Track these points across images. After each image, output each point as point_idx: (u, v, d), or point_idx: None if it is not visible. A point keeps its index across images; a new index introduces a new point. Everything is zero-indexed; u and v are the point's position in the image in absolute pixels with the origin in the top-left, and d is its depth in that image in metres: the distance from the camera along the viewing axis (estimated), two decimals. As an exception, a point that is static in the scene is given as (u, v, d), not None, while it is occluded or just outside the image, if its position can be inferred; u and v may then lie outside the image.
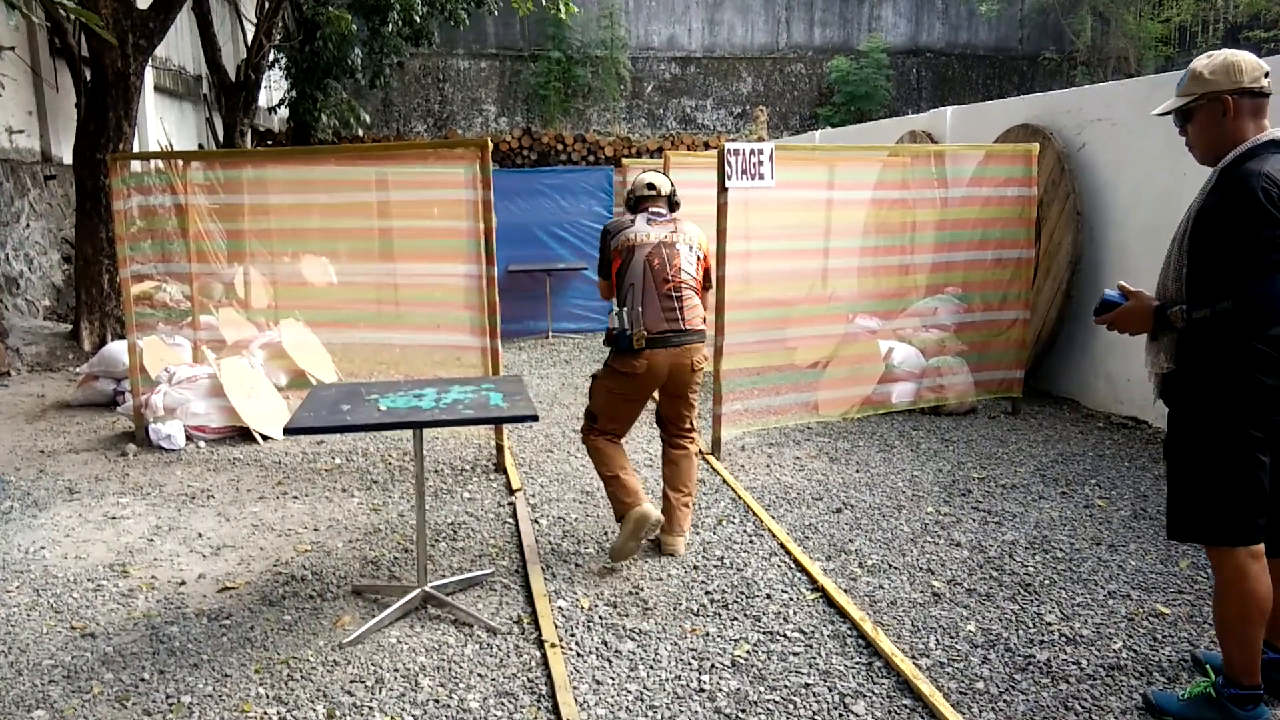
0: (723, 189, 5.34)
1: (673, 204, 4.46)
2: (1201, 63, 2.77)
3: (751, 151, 5.32)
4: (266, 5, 12.45)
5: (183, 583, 4.02)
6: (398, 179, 6.23)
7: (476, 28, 20.74)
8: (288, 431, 3.25)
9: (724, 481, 5.21)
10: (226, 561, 4.25)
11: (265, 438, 6.18)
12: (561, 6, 9.33)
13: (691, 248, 4.30)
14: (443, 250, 5.85)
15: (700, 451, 5.74)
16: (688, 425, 4.38)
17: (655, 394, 4.41)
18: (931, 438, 6.05)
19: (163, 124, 13.12)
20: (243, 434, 6.21)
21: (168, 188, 7.35)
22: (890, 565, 4.06)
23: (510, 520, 4.70)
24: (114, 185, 5.95)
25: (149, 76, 12.71)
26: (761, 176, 5.38)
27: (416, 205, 6.33)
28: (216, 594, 3.91)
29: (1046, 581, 3.87)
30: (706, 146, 18.80)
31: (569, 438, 6.26)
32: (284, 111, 15.96)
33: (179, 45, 13.94)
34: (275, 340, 7.50)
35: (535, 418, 3.41)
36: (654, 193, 4.42)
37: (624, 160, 8.94)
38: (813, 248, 7.13)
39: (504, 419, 3.46)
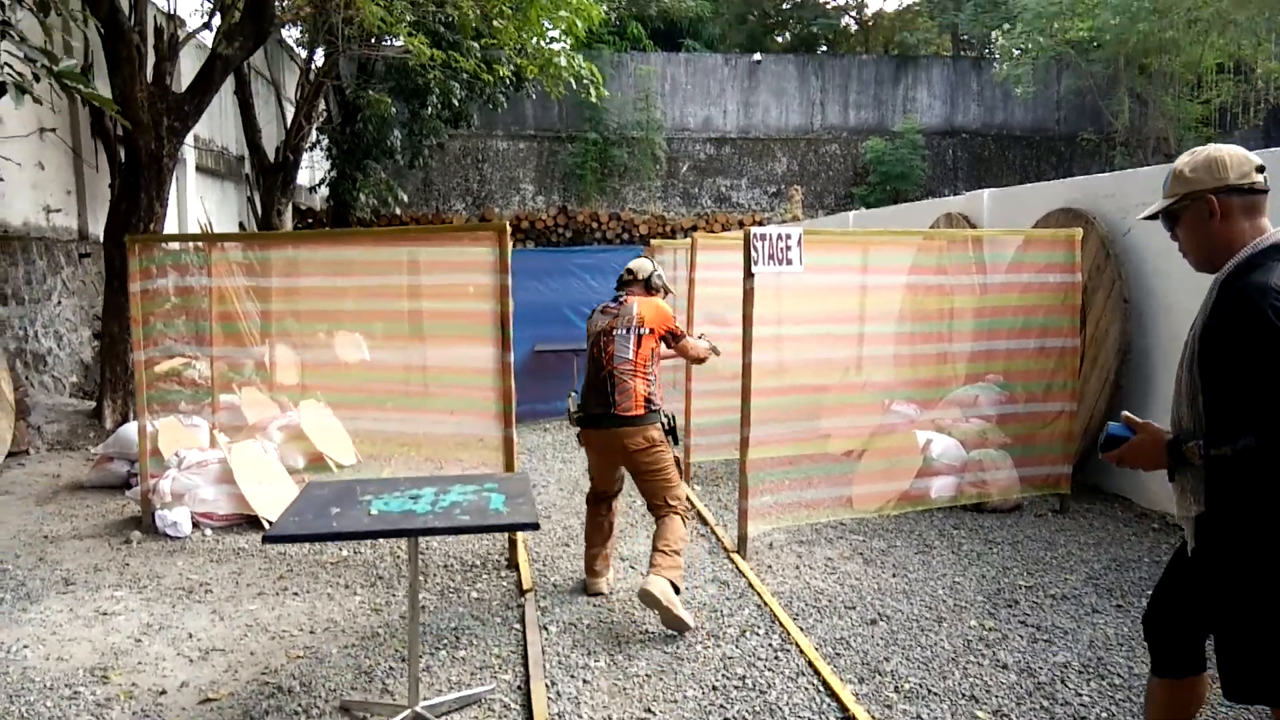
0: (748, 274, 5.08)
1: (651, 287, 4.86)
2: (1183, 161, 2.52)
3: (779, 236, 5.08)
4: (306, 88, 12.64)
5: (163, 692, 3.73)
6: (427, 260, 6.06)
7: (515, 110, 21.01)
8: (268, 539, 2.98)
9: (749, 585, 4.84)
10: (214, 667, 3.95)
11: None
12: (592, 90, 9.28)
13: (629, 329, 4.61)
14: (468, 333, 5.66)
15: (725, 549, 5.39)
16: (660, 502, 4.55)
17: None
18: (974, 538, 5.64)
19: (203, 203, 13.26)
20: (251, 521, 5.96)
21: (202, 267, 7.29)
22: (929, 690, 3.66)
23: (518, 626, 4.36)
24: (131, 266, 5.82)
25: (191, 156, 12.90)
26: (789, 262, 5.11)
27: (443, 288, 6.16)
28: (197, 705, 3.61)
29: (1104, 715, 3.44)
30: (740, 225, 18.71)
31: (588, 530, 5.93)
32: (324, 191, 16.15)
33: (223, 126, 14.18)
34: (294, 422, 7.31)
35: (535, 526, 3.11)
36: (631, 277, 4.89)
37: (653, 240, 8.75)
38: (846, 333, 6.83)
39: (502, 527, 3.17)
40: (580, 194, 21.44)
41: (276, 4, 9.39)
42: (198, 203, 13.10)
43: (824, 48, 24.67)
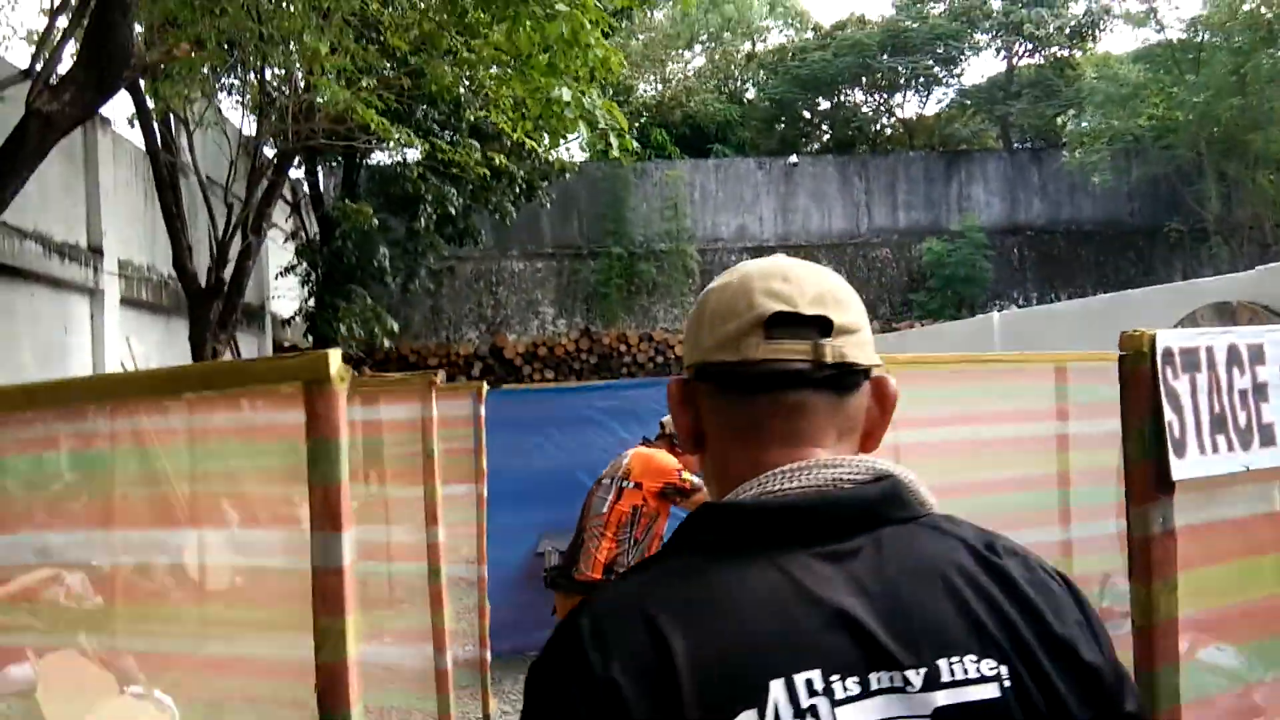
0: (1166, 485, 1.42)
1: (673, 441, 3.93)
2: None
3: (1244, 350, 1.47)
4: (253, 186, 9.40)
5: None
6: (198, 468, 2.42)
7: (531, 227, 17.96)
8: None
9: None
10: None
11: None
12: (614, 142, 5.99)
13: (613, 479, 4.05)
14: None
15: None
16: None
17: None
18: None
19: (130, 344, 9.93)
20: None
21: None
22: None
23: None
24: None
25: (113, 286, 9.66)
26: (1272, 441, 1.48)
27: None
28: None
29: None
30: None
31: None
32: (301, 323, 12.92)
33: (155, 249, 10.94)
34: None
35: None
36: (661, 430, 4.21)
37: None
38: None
39: None
40: (606, 314, 18.12)
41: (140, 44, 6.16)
42: (121, 344, 9.78)
43: (864, 148, 21.61)
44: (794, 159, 19.50)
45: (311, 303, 12.32)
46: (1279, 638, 1.75)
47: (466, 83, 6.99)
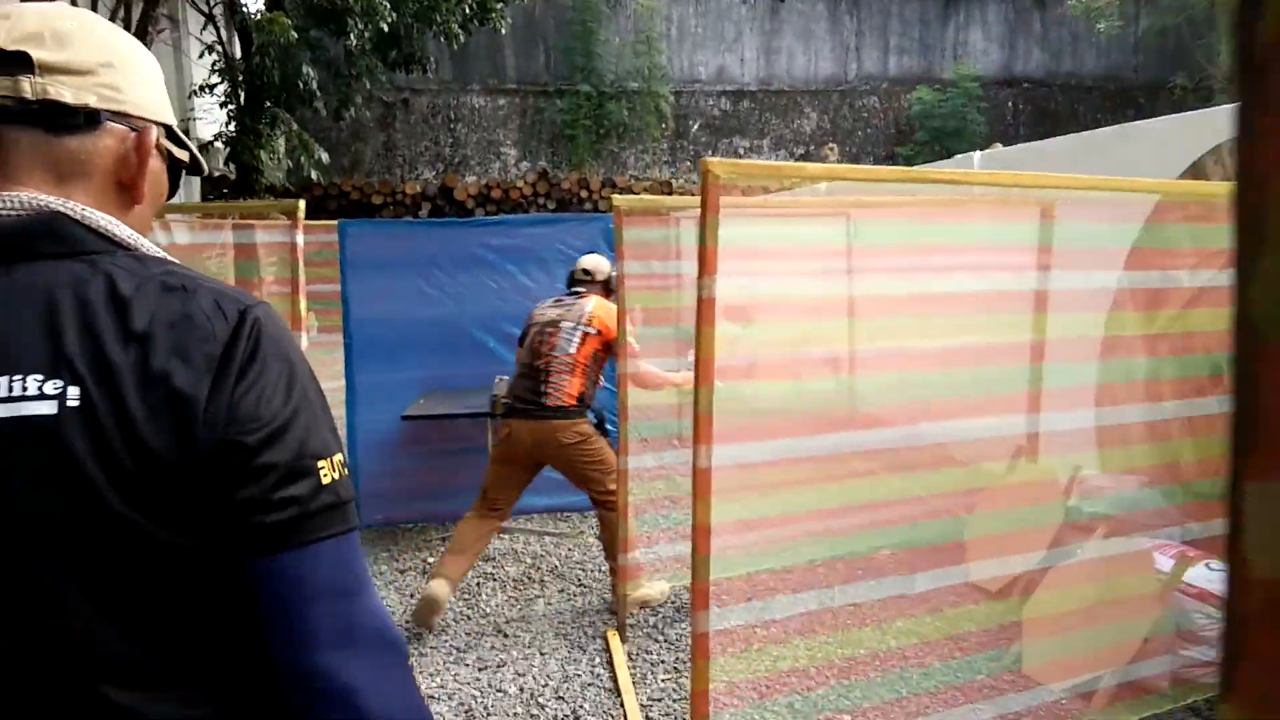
0: None
1: (610, 290, 4.30)
2: None
3: None
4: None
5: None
6: None
7: (493, 60, 16.40)
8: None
9: None
10: None
11: None
12: None
13: (577, 323, 4.15)
14: None
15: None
16: (600, 490, 4.06)
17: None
18: None
19: None
20: None
21: None
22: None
23: None
24: None
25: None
26: None
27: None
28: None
29: None
30: (765, 193, 14.02)
31: None
32: (222, 148, 11.62)
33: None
34: None
35: None
36: (588, 277, 4.34)
37: (614, 199, 4.00)
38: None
39: None
40: (573, 158, 16.78)
41: None
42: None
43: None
44: (781, -7, 17.66)
45: (233, 127, 11.00)
46: None
47: None
